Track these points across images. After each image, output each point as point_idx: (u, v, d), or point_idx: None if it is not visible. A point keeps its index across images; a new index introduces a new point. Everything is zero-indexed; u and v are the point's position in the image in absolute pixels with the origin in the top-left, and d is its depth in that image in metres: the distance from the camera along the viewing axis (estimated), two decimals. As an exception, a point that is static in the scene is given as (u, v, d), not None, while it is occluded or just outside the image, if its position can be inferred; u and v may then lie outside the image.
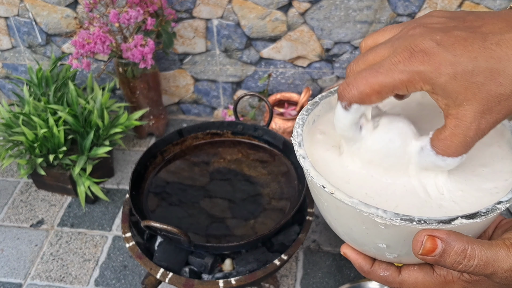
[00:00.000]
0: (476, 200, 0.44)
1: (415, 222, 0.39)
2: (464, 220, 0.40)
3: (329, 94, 0.56)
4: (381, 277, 0.48)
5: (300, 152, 0.48)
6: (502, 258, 0.41)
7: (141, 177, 0.92)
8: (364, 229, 0.44)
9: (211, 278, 0.83)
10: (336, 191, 0.43)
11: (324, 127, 0.55)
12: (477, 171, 0.47)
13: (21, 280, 1.06)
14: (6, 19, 1.36)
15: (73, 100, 1.16)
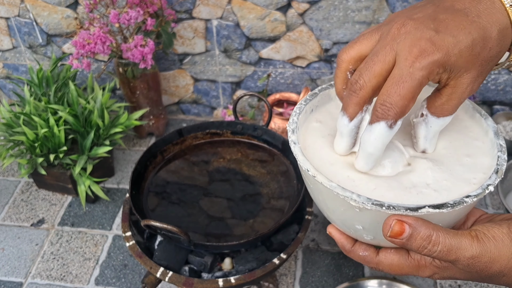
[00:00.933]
0: (457, 190, 0.47)
1: (385, 207, 0.43)
2: (430, 209, 0.43)
3: (329, 86, 0.57)
4: (360, 256, 0.51)
5: (292, 138, 0.51)
6: (465, 246, 0.43)
7: (141, 177, 0.92)
8: (343, 211, 0.47)
9: (211, 277, 0.83)
10: (318, 175, 0.46)
11: (322, 116, 0.56)
12: (463, 161, 0.50)
13: (21, 279, 1.06)
14: (7, 19, 1.35)
15: (74, 100, 1.16)
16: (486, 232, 0.45)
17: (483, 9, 0.43)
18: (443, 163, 0.50)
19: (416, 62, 0.41)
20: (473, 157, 0.51)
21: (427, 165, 0.50)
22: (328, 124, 0.55)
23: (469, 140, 0.53)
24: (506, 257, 0.44)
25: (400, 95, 0.42)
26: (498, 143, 0.50)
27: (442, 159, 0.51)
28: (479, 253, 0.44)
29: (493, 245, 0.44)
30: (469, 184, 0.48)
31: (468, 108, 0.56)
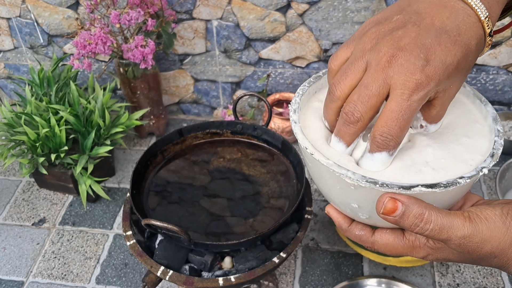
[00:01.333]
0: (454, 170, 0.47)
1: (378, 185, 0.43)
2: (423, 188, 0.43)
3: None
4: (357, 235, 0.53)
5: (293, 117, 0.52)
6: (457, 226, 0.44)
7: (141, 176, 0.92)
8: (339, 189, 0.48)
9: (211, 276, 0.83)
10: (316, 153, 0.47)
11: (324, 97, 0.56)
12: (461, 141, 0.51)
13: (23, 278, 1.06)
14: (8, 20, 1.36)
15: (75, 100, 1.16)
16: (479, 213, 0.45)
17: (462, 23, 0.44)
18: (442, 141, 0.51)
19: (413, 95, 0.43)
20: (472, 138, 0.52)
21: (427, 142, 0.50)
22: None
23: (469, 122, 0.54)
24: (497, 238, 0.44)
25: (400, 127, 0.44)
26: (496, 128, 0.51)
27: (442, 137, 0.51)
28: (471, 233, 0.44)
29: (485, 226, 0.44)
30: (466, 165, 0.48)
31: (469, 94, 0.57)
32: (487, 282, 0.99)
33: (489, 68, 1.25)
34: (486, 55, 1.22)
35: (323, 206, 1.17)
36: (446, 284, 0.99)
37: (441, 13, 0.45)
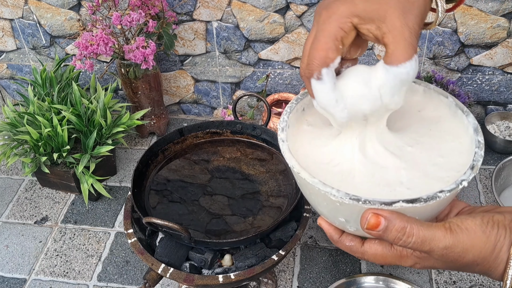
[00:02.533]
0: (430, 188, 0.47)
1: (361, 202, 0.44)
2: (404, 203, 0.44)
3: None
4: (347, 246, 0.53)
5: (281, 136, 0.53)
6: (438, 238, 0.45)
7: (142, 175, 0.92)
8: (326, 205, 0.49)
9: (211, 273, 0.83)
10: (302, 171, 0.48)
11: (313, 119, 0.58)
12: (435, 161, 0.52)
13: (25, 275, 1.06)
14: (11, 21, 1.36)
15: (77, 100, 1.16)
16: (460, 223, 0.46)
17: None
18: (416, 163, 0.51)
19: (325, 18, 0.46)
20: (446, 158, 0.52)
21: (401, 165, 0.51)
22: (319, 126, 0.57)
23: (444, 142, 0.54)
24: (478, 247, 0.45)
25: (317, 49, 0.46)
26: (476, 139, 0.51)
27: (416, 159, 0.52)
28: (452, 243, 0.45)
29: (466, 236, 0.45)
30: (442, 181, 0.49)
31: (451, 105, 0.57)
32: (483, 279, 0.99)
33: (485, 69, 1.25)
34: (482, 56, 1.23)
35: (322, 204, 1.17)
36: (443, 282, 0.99)
37: None
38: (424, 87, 0.59)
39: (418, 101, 0.59)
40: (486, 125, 1.27)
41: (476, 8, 1.16)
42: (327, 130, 0.56)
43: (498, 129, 1.28)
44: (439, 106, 0.58)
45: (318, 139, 0.55)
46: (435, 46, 1.23)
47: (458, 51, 1.23)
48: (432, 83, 1.11)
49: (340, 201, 0.45)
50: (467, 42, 1.21)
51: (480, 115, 1.34)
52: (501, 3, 1.14)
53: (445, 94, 0.57)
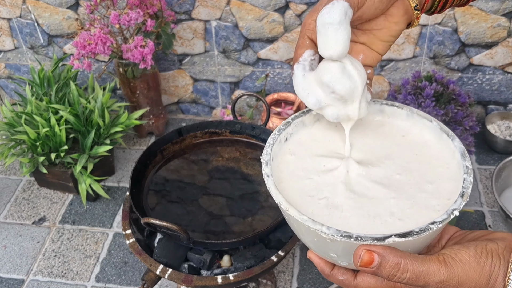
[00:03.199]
0: (421, 218, 0.47)
1: (353, 239, 0.44)
2: (397, 238, 0.44)
3: (301, 114, 0.58)
4: (339, 280, 0.53)
5: (266, 170, 0.52)
6: (433, 271, 0.45)
7: (141, 175, 0.92)
8: (316, 241, 0.48)
9: (210, 274, 0.83)
10: (290, 208, 0.47)
11: (295, 147, 0.57)
12: (424, 188, 0.51)
13: (23, 276, 1.05)
14: (9, 20, 1.35)
15: (75, 100, 1.16)
16: (454, 255, 0.46)
17: None
18: (405, 191, 0.51)
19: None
20: (435, 184, 0.51)
21: (390, 194, 0.50)
22: (301, 155, 0.56)
23: (432, 167, 0.53)
24: (473, 279, 0.45)
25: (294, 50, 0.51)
26: (464, 165, 0.50)
27: (405, 187, 0.51)
28: (447, 277, 0.45)
29: (461, 268, 0.45)
30: (433, 210, 0.48)
31: (435, 129, 0.56)
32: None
33: (485, 69, 1.25)
34: (483, 55, 1.22)
35: (321, 205, 1.17)
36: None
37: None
38: (407, 111, 0.58)
39: (401, 126, 0.59)
40: (486, 125, 1.27)
41: (477, 8, 1.15)
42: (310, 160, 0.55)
43: (498, 129, 1.28)
44: (423, 130, 0.57)
45: (301, 171, 0.54)
46: (435, 45, 1.22)
47: (459, 50, 1.23)
48: (432, 83, 1.11)
49: (331, 238, 0.45)
50: (467, 42, 1.21)
51: (481, 115, 1.34)
52: (502, 2, 1.14)
53: (429, 118, 0.56)
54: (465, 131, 1.09)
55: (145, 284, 0.81)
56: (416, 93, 1.11)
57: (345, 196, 0.51)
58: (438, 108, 1.07)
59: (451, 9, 1.16)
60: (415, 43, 1.23)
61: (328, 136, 0.58)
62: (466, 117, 1.09)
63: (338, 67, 0.50)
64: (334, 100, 0.51)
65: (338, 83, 0.49)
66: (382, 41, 0.53)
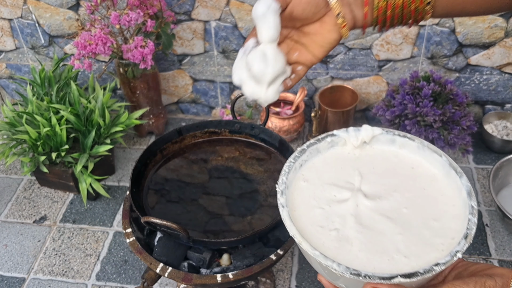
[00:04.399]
0: (425, 256, 0.49)
1: (361, 277, 0.46)
2: (402, 279, 0.46)
3: (316, 141, 0.60)
4: None
5: (281, 200, 0.54)
6: None
7: (141, 175, 0.92)
8: (326, 273, 0.51)
9: (209, 273, 0.83)
10: (303, 242, 0.49)
11: (309, 173, 0.59)
12: (430, 224, 0.52)
13: (24, 274, 1.06)
14: (10, 20, 1.35)
15: (75, 100, 1.16)
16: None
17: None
18: (411, 226, 0.52)
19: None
20: (440, 221, 0.52)
21: (397, 229, 0.51)
22: (314, 182, 0.58)
23: (438, 204, 0.54)
24: None
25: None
26: (470, 204, 0.51)
27: (411, 223, 0.52)
28: None
29: None
30: (437, 250, 0.49)
31: (444, 165, 0.56)
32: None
33: (482, 69, 1.25)
34: (480, 56, 1.22)
35: (320, 204, 1.17)
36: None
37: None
38: (418, 144, 0.59)
39: (411, 158, 0.60)
40: (484, 125, 1.27)
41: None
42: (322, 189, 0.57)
43: (495, 129, 1.28)
44: (433, 164, 0.58)
45: (313, 199, 0.56)
46: (433, 46, 1.23)
47: (456, 51, 1.23)
48: (430, 83, 1.11)
49: (341, 274, 0.47)
50: (465, 42, 1.21)
51: (478, 115, 1.34)
52: (499, 3, 1.14)
53: (439, 152, 0.57)
54: (462, 130, 1.09)
55: (145, 283, 0.81)
56: (414, 93, 1.11)
57: (355, 229, 0.52)
58: (436, 108, 1.07)
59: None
60: (413, 44, 1.23)
61: (339, 163, 0.60)
62: (463, 117, 1.09)
63: (260, 51, 0.56)
64: (249, 78, 0.58)
65: (254, 62, 0.56)
66: (318, 45, 0.57)
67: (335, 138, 0.60)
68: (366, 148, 0.60)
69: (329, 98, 1.33)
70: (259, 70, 0.57)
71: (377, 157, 0.60)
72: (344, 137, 0.61)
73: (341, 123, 1.30)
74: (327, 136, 0.60)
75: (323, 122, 1.31)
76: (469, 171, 1.23)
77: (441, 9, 0.56)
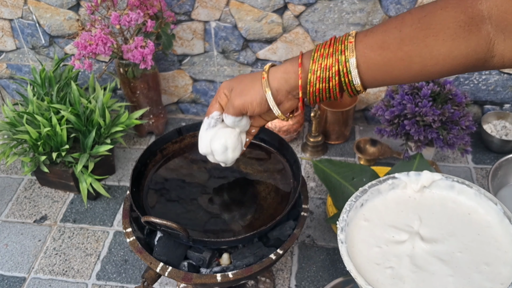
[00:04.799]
0: None
1: None
2: None
3: (377, 182, 0.63)
4: None
5: (340, 237, 0.57)
6: None
7: (141, 174, 0.92)
8: None
9: (209, 272, 0.83)
10: (358, 277, 0.53)
11: (370, 213, 0.62)
12: (480, 268, 0.54)
13: (25, 274, 1.06)
14: (10, 21, 1.35)
15: (76, 100, 1.16)
16: None
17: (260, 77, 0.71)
18: (462, 269, 0.53)
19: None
20: (491, 266, 0.54)
21: (448, 271, 0.53)
22: (375, 223, 0.61)
23: (491, 249, 0.56)
24: None
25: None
26: None
27: (462, 266, 0.54)
28: None
29: None
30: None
31: (499, 212, 0.59)
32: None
33: (481, 69, 1.25)
34: (479, 56, 1.22)
35: (319, 203, 1.17)
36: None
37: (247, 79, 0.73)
38: (475, 191, 0.62)
39: (468, 204, 0.62)
40: (482, 125, 1.27)
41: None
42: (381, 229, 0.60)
43: (494, 129, 1.28)
44: (488, 211, 0.61)
45: (372, 238, 0.59)
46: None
47: (455, 51, 1.23)
48: (429, 83, 1.11)
49: None
50: (463, 42, 1.21)
51: (477, 115, 1.34)
52: None
53: (495, 201, 0.60)
54: (461, 130, 1.09)
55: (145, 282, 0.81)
56: (413, 93, 1.11)
57: (409, 269, 0.54)
58: (435, 108, 1.07)
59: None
60: (412, 44, 1.23)
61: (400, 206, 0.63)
62: (462, 117, 1.10)
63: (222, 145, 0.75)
64: (210, 153, 0.78)
65: (217, 153, 0.77)
66: (270, 117, 0.77)
67: (396, 181, 0.64)
68: (425, 192, 0.64)
69: (329, 98, 1.33)
70: (221, 159, 0.77)
71: (436, 202, 0.63)
72: (405, 181, 0.64)
73: (341, 123, 1.30)
74: (388, 178, 0.63)
75: (322, 122, 1.31)
76: (468, 171, 1.24)
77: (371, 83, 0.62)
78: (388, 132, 1.13)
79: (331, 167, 1.10)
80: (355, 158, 1.30)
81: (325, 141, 1.33)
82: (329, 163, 1.11)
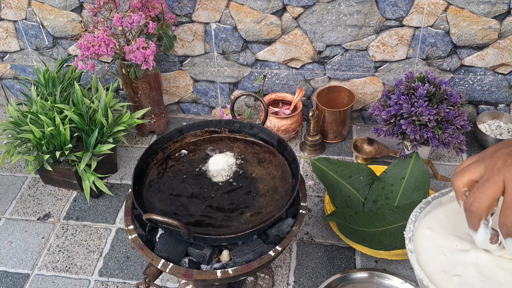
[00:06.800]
0: None
1: None
2: None
3: (440, 194, 0.64)
4: None
5: (409, 246, 0.58)
6: None
7: (143, 173, 0.92)
8: None
9: (210, 268, 0.83)
10: (430, 285, 0.52)
11: (432, 222, 0.63)
12: None
13: (28, 270, 1.06)
14: (14, 22, 1.35)
15: (79, 100, 1.16)
16: None
17: None
18: None
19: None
20: None
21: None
22: (437, 231, 0.61)
23: None
24: None
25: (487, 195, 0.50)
26: None
27: None
28: None
29: None
30: None
31: None
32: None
33: (476, 69, 1.25)
34: (474, 57, 1.22)
35: (317, 201, 1.17)
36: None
37: None
38: None
39: None
40: (477, 124, 1.27)
41: (468, 10, 1.16)
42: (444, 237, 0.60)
43: (489, 128, 1.28)
44: None
45: (437, 246, 0.59)
46: (428, 47, 1.23)
47: (451, 52, 1.23)
48: (425, 83, 1.11)
49: None
50: (459, 43, 1.21)
51: (472, 115, 1.34)
52: (493, 5, 1.14)
53: None
54: (456, 130, 1.09)
55: (147, 278, 0.81)
56: (409, 93, 1.11)
57: (476, 277, 0.55)
58: (430, 108, 1.07)
59: (443, 12, 1.16)
60: (408, 45, 1.23)
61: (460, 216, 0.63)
62: (457, 116, 1.10)
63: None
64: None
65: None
66: None
67: None
68: None
69: (327, 98, 1.33)
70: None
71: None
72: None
73: (338, 123, 1.30)
74: (450, 191, 0.63)
75: (320, 121, 1.31)
76: (463, 170, 1.24)
77: None
78: (384, 131, 1.13)
79: (329, 165, 1.10)
80: (352, 157, 1.30)
81: (323, 140, 1.33)
82: (327, 161, 1.11)
